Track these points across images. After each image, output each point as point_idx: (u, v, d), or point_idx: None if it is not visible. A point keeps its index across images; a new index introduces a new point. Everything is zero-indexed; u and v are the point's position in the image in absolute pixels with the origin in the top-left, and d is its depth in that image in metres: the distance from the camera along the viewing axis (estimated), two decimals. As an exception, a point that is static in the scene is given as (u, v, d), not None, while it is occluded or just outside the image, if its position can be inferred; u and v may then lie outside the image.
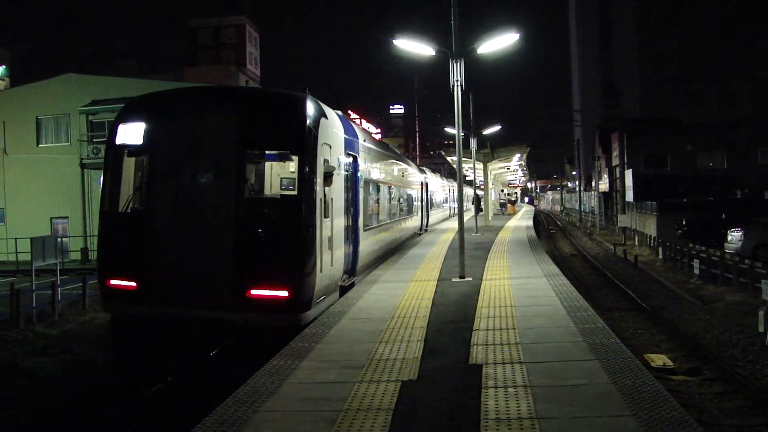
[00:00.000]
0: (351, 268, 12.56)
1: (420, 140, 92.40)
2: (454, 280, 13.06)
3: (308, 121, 9.97)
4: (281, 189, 11.88)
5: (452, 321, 9.05)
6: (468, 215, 35.67)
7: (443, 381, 6.31)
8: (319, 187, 9.94)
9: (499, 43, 14.52)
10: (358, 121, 74.80)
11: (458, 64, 13.75)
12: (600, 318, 9.02)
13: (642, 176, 48.77)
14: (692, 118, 67.07)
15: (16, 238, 32.06)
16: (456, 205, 15.17)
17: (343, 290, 11.76)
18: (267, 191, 11.73)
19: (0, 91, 48.51)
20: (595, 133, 75.57)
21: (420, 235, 26.32)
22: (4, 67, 63.30)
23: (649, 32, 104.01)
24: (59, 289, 17.72)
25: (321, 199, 10.04)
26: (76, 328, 15.66)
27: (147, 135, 10.09)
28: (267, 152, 10.71)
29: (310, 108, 10.24)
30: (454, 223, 28.63)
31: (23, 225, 35.15)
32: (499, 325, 8.65)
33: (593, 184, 72.29)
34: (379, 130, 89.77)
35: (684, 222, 32.96)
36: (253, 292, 9.25)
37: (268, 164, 11.62)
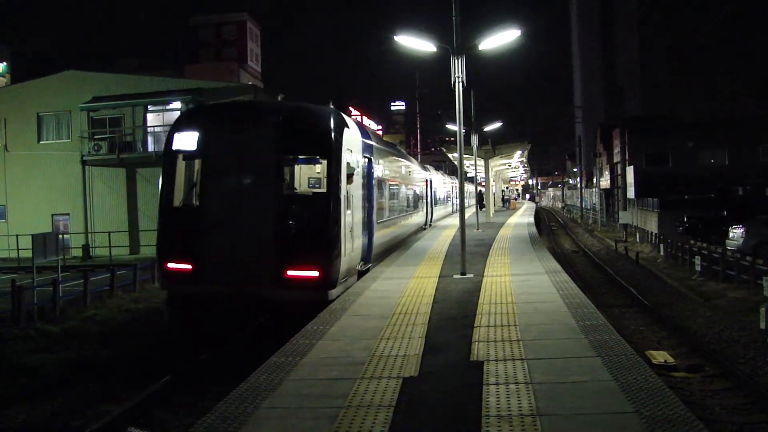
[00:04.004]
0: (367, 256, 14.24)
1: (421, 137, 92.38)
2: (455, 276, 13.05)
3: (334, 131, 11.78)
4: (309, 187, 13.67)
5: (453, 318, 9.05)
6: (470, 212, 35.69)
7: (444, 378, 6.31)
8: (343, 186, 11.69)
9: (500, 39, 14.51)
10: (359, 118, 74.74)
11: (459, 61, 13.73)
12: (601, 315, 9.01)
13: (643, 173, 48.70)
14: (693, 116, 66.98)
15: (17, 235, 32.09)
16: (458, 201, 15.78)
17: (360, 274, 13.49)
18: (297, 189, 13.37)
19: (1, 88, 48.49)
20: (597, 130, 75.52)
21: (424, 229, 26.84)
22: (5, 63, 63.26)
23: (652, 29, 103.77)
24: (60, 286, 17.71)
25: (344, 196, 11.78)
26: (77, 325, 15.65)
27: (199, 142, 11.77)
28: (300, 157, 12.42)
29: (336, 119, 12.14)
30: (456, 220, 28.73)
31: (24, 222, 35.15)
32: (501, 321, 8.64)
33: (594, 181, 72.20)
34: (380, 127, 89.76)
35: (685, 219, 32.91)
36: (290, 272, 11.02)
37: (297, 166, 13.23)
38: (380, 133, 78.55)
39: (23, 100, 37.83)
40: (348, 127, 12.56)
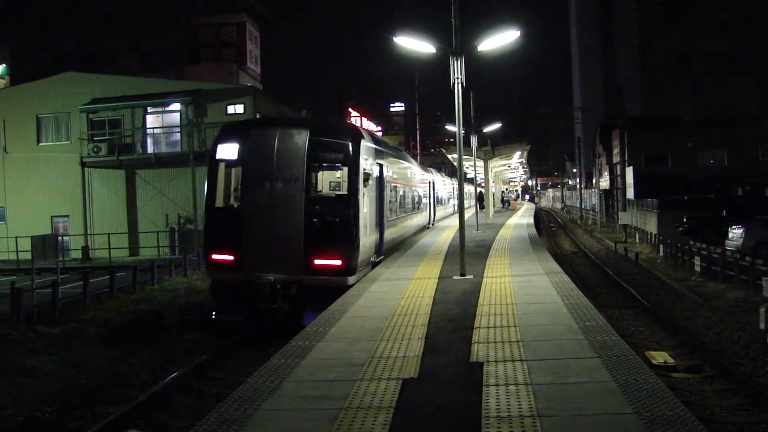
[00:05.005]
0: (379, 249, 16.18)
1: (420, 138, 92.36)
2: (455, 277, 13.04)
3: (354, 143, 13.81)
4: (330, 189, 15.58)
5: (453, 319, 9.04)
6: (470, 213, 35.74)
7: (444, 379, 6.30)
8: (360, 189, 13.68)
9: (499, 40, 14.50)
10: (358, 119, 74.71)
11: (459, 62, 13.72)
12: (601, 315, 9.01)
13: (643, 174, 48.70)
14: (693, 116, 67.00)
15: (16, 237, 32.09)
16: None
17: (374, 265, 15.34)
18: (321, 191, 15.15)
19: (0, 90, 48.45)
20: (596, 130, 75.51)
21: (428, 228, 27.84)
22: (4, 65, 63.22)
23: (651, 29, 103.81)
24: (60, 287, 17.70)
25: (362, 197, 13.75)
26: (77, 327, 15.62)
27: (240, 152, 13.64)
28: (325, 164, 14.22)
29: (354, 133, 14.52)
30: (457, 220, 28.96)
31: (24, 224, 35.14)
32: (500, 322, 8.63)
33: (594, 181, 72.20)
34: (379, 128, 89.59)
35: (685, 219, 32.94)
36: (317, 261, 13.03)
37: (321, 171, 14.94)
38: (379, 134, 78.55)
39: (22, 102, 37.83)
40: (364, 138, 14.65)
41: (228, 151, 13.83)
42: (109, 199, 36.73)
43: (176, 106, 36.34)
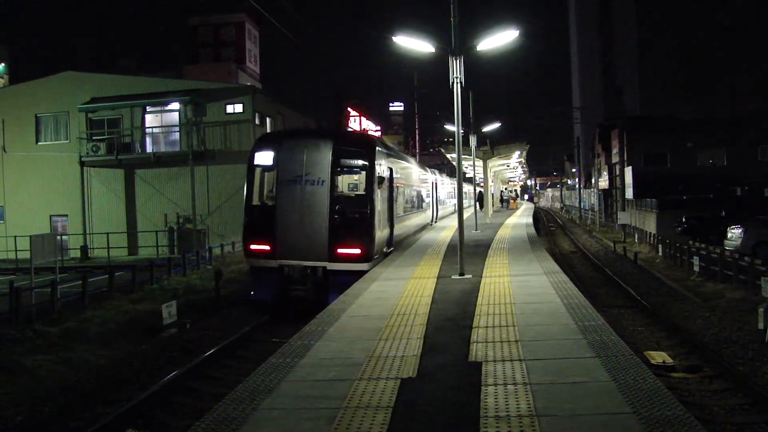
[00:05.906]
0: (389, 242, 18.29)
1: (420, 138, 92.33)
2: (453, 277, 13.04)
3: (371, 151, 16.31)
4: (349, 190, 18.25)
5: (452, 318, 9.04)
6: (469, 212, 35.79)
7: (443, 378, 6.30)
8: (375, 189, 16.03)
9: (498, 40, 14.50)
10: (357, 119, 74.63)
11: (458, 62, 13.71)
12: (600, 315, 9.00)
13: (642, 174, 48.67)
14: (692, 116, 66.99)
15: (15, 236, 32.10)
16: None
17: (385, 255, 17.33)
18: (342, 191, 17.45)
19: (-1, 89, 48.37)
20: (595, 130, 75.50)
21: (431, 225, 28.70)
22: (3, 64, 63.16)
23: (651, 29, 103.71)
24: (59, 287, 17.69)
25: (376, 197, 16.04)
26: (76, 326, 15.62)
27: (274, 158, 16.11)
28: (345, 168, 16.76)
29: (371, 142, 17.27)
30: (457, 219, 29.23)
31: (23, 223, 35.17)
32: (499, 322, 8.63)
33: (593, 181, 72.21)
34: (378, 128, 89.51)
35: (684, 219, 32.92)
36: (340, 250, 15.41)
37: (341, 174, 17.32)
38: (378, 133, 78.51)
39: (21, 101, 37.82)
40: (378, 146, 17.06)
41: (264, 157, 16.26)
42: (108, 198, 36.72)
43: (175, 105, 36.33)
